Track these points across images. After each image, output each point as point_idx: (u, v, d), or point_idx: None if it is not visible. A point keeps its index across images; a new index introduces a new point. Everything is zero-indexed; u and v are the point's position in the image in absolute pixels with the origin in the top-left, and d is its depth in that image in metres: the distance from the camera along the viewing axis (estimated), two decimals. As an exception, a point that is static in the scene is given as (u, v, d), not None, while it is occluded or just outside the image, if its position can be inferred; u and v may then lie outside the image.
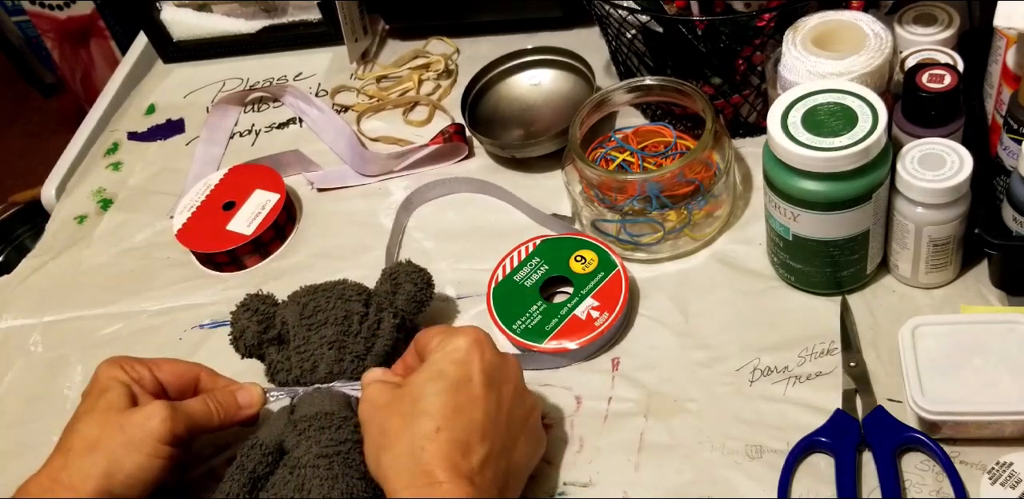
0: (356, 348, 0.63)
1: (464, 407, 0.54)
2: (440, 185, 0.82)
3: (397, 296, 0.66)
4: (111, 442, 0.56)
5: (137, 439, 0.56)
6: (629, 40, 0.79)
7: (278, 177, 0.84)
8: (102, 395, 0.59)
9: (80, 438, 0.57)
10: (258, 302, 0.66)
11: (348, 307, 0.65)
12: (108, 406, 0.58)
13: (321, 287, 0.67)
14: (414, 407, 0.54)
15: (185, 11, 1.03)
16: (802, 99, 0.59)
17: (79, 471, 0.55)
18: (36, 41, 1.72)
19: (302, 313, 0.64)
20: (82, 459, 0.56)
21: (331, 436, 0.58)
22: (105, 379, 0.60)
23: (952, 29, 0.69)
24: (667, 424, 0.62)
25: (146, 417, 0.57)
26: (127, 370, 0.61)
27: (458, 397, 0.54)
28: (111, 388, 0.59)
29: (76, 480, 0.55)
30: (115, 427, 0.57)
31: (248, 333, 0.65)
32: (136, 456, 0.56)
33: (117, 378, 0.60)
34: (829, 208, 0.59)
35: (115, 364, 0.61)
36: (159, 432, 0.56)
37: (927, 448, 0.57)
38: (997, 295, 0.64)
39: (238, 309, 0.66)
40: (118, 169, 0.95)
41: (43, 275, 0.86)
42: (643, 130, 0.76)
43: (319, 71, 1.00)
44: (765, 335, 0.66)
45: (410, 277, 0.66)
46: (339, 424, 0.59)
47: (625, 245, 0.72)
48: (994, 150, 0.64)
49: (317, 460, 0.57)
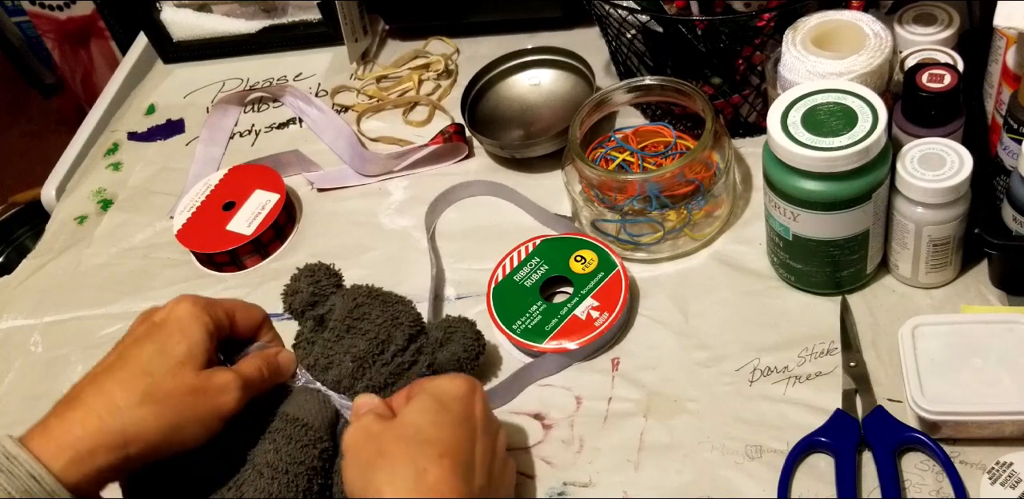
0: (376, 378, 0.61)
1: (464, 442, 0.53)
2: (459, 189, 0.81)
3: (443, 349, 0.64)
4: (182, 403, 0.52)
5: (205, 411, 0.53)
6: (629, 40, 0.79)
7: (278, 177, 0.84)
8: (184, 338, 0.54)
9: (152, 384, 0.52)
10: (323, 273, 0.64)
11: (392, 332, 0.62)
12: (189, 359, 0.54)
13: (382, 295, 0.64)
14: (417, 434, 0.52)
15: (185, 11, 1.03)
16: (802, 99, 0.59)
17: (139, 418, 0.51)
18: (36, 41, 1.72)
19: (352, 312, 0.62)
20: (145, 409, 0.51)
21: (292, 451, 0.56)
22: (187, 318, 0.55)
23: (952, 29, 0.69)
24: (667, 424, 0.62)
25: (220, 390, 0.54)
26: (211, 313, 0.56)
27: (460, 431, 0.53)
28: (191, 331, 0.55)
29: (132, 429, 0.51)
30: (189, 388, 0.53)
31: (298, 298, 0.63)
32: (196, 428, 0.53)
33: (200, 320, 0.55)
34: (829, 208, 0.59)
35: (199, 305, 0.56)
36: (228, 409, 0.54)
37: (927, 448, 0.57)
38: (997, 295, 0.64)
39: (303, 270, 0.65)
40: (118, 169, 0.95)
41: (43, 275, 0.86)
42: (643, 130, 0.76)
43: (319, 71, 1.00)
44: (765, 335, 0.66)
45: (464, 340, 0.64)
46: (308, 442, 0.57)
47: (625, 245, 0.72)
48: (994, 150, 0.64)
49: (265, 468, 0.56)
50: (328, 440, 0.58)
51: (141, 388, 0.52)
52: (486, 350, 0.66)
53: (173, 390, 0.53)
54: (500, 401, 0.66)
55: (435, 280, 0.74)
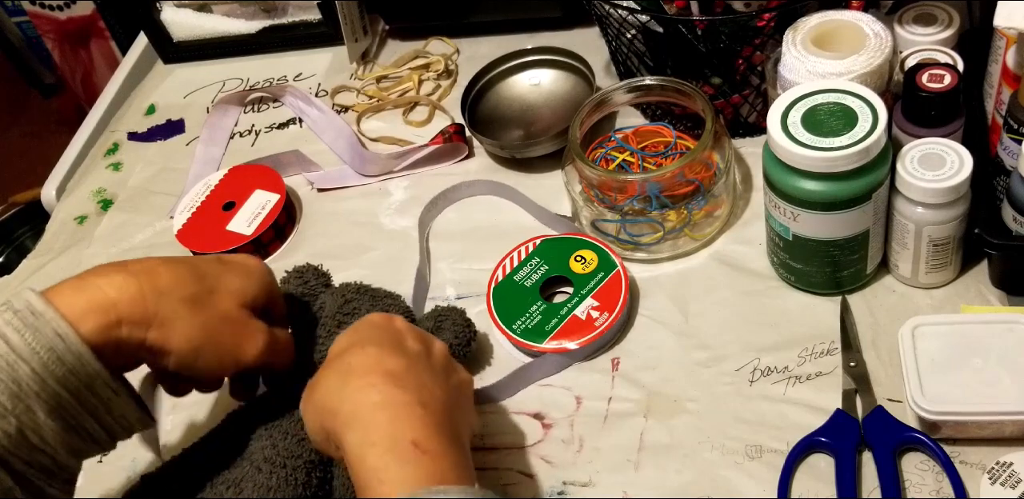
0: None
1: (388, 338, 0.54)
2: (462, 188, 0.81)
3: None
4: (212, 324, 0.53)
5: (228, 346, 0.54)
6: (629, 40, 0.79)
7: (278, 177, 0.84)
8: (247, 277, 0.56)
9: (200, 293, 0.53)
10: (311, 275, 0.65)
11: None
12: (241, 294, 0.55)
13: (371, 291, 0.64)
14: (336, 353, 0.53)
15: (185, 11, 1.03)
16: (802, 99, 0.59)
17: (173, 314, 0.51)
18: (36, 41, 1.72)
19: (342, 308, 0.62)
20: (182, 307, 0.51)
21: (288, 446, 0.56)
22: (256, 268, 0.57)
23: (952, 29, 0.69)
24: (667, 424, 0.62)
25: (251, 335, 0.54)
26: (272, 281, 0.59)
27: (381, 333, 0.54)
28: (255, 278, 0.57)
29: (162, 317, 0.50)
30: (226, 317, 0.53)
31: (288, 298, 0.63)
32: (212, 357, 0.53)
33: (266, 277, 0.58)
34: (829, 208, 0.59)
35: (268, 269, 0.58)
36: (248, 358, 0.54)
37: (927, 448, 0.57)
38: (997, 295, 0.64)
39: (292, 272, 0.65)
40: (118, 169, 0.95)
41: (43, 275, 0.85)
42: (643, 130, 0.76)
43: (319, 71, 1.00)
44: (765, 335, 0.66)
45: (455, 328, 0.64)
46: (303, 436, 0.56)
47: (625, 245, 0.72)
48: (994, 150, 0.64)
49: (263, 463, 0.56)
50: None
51: (190, 288, 0.52)
52: (477, 338, 0.66)
53: (214, 308, 0.53)
54: (501, 396, 0.66)
55: (420, 272, 0.75)
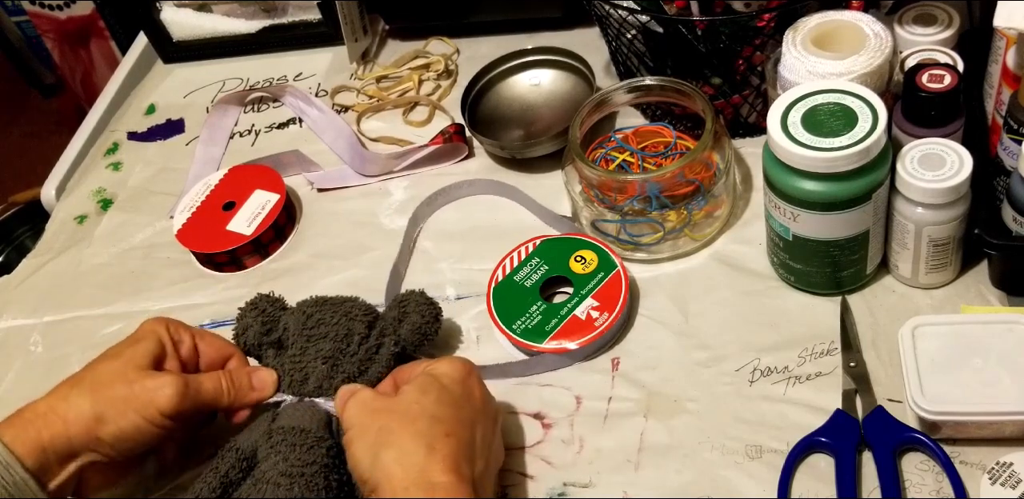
0: (350, 368, 0.62)
1: (467, 421, 0.54)
2: (462, 186, 0.81)
3: (403, 325, 0.65)
4: (117, 394, 0.57)
5: (141, 402, 0.57)
6: (629, 40, 0.79)
7: (278, 177, 0.84)
8: (134, 344, 0.60)
9: (93, 378, 0.58)
10: (266, 303, 0.66)
11: (351, 326, 0.64)
12: (132, 358, 0.58)
13: (330, 300, 0.66)
14: (423, 411, 0.54)
15: (185, 11, 1.03)
16: (802, 99, 0.59)
17: (76, 408, 0.56)
18: (36, 41, 1.73)
19: (305, 323, 0.64)
20: (84, 398, 0.56)
21: (300, 456, 0.57)
22: (145, 331, 0.61)
23: (952, 29, 0.69)
24: (667, 424, 0.62)
25: (158, 386, 0.57)
26: (171, 330, 0.61)
27: (462, 411, 0.55)
28: (145, 340, 0.60)
29: (71, 415, 0.56)
30: (127, 382, 0.57)
31: (250, 332, 0.65)
32: (134, 416, 0.56)
33: (156, 333, 0.61)
34: (829, 208, 0.59)
35: (162, 322, 0.62)
36: (163, 404, 0.57)
37: (927, 448, 0.57)
38: (997, 295, 0.64)
39: (246, 307, 0.66)
40: (118, 169, 0.95)
41: (43, 275, 0.86)
42: (643, 130, 0.76)
43: (319, 71, 1.00)
44: (765, 335, 0.66)
45: (419, 308, 0.65)
46: (312, 444, 0.58)
47: (625, 245, 0.72)
48: (994, 150, 0.64)
49: (280, 478, 0.56)
50: (329, 438, 0.59)
51: (84, 381, 0.58)
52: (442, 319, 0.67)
53: (109, 381, 0.57)
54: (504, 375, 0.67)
55: (395, 267, 0.75)
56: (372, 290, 0.74)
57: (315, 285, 0.77)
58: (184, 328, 0.63)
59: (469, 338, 0.71)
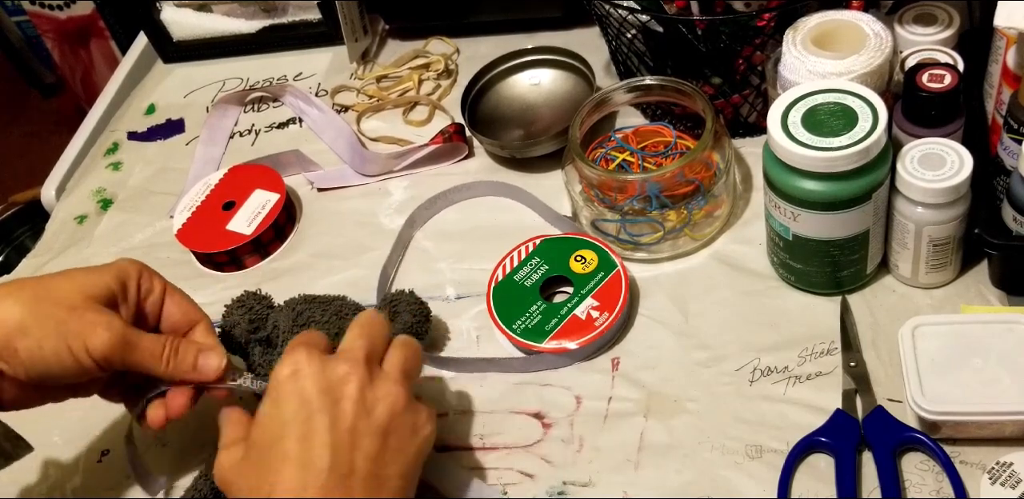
0: None
1: (302, 434, 0.50)
2: (457, 191, 0.81)
3: (393, 324, 0.65)
4: (52, 313, 0.53)
5: (71, 331, 0.53)
6: (629, 40, 0.79)
7: (278, 177, 0.84)
8: (98, 273, 0.56)
9: (37, 289, 0.54)
10: (254, 301, 0.66)
11: (342, 324, 0.64)
12: (86, 285, 0.55)
13: (319, 298, 0.66)
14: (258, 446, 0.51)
15: (185, 11, 1.03)
16: (802, 99, 0.59)
17: (7, 310, 0.53)
18: (36, 41, 1.73)
19: (295, 321, 0.64)
20: (18, 305, 0.53)
21: None
22: (116, 267, 0.57)
23: (952, 29, 0.69)
24: (667, 424, 0.62)
25: (96, 322, 0.53)
26: (142, 276, 0.58)
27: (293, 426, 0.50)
28: (109, 273, 0.56)
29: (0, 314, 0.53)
30: (68, 307, 0.53)
31: (237, 329, 0.65)
32: (57, 341, 0.53)
33: (124, 271, 0.57)
34: (829, 208, 0.59)
35: (137, 265, 0.58)
36: (93, 344, 0.53)
37: (927, 448, 0.57)
38: (997, 295, 0.64)
39: (232, 304, 0.66)
40: (118, 169, 0.95)
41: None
42: (643, 130, 0.76)
43: (319, 71, 1.00)
44: (765, 335, 0.66)
45: (410, 308, 0.66)
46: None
47: (625, 245, 0.72)
48: (994, 150, 0.64)
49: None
50: None
51: (27, 288, 0.54)
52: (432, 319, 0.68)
53: (52, 299, 0.54)
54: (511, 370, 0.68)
55: (385, 268, 0.75)
56: (371, 290, 0.74)
57: (315, 285, 0.77)
58: (158, 279, 0.59)
59: (469, 338, 0.71)
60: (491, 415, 0.66)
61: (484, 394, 0.67)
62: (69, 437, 0.70)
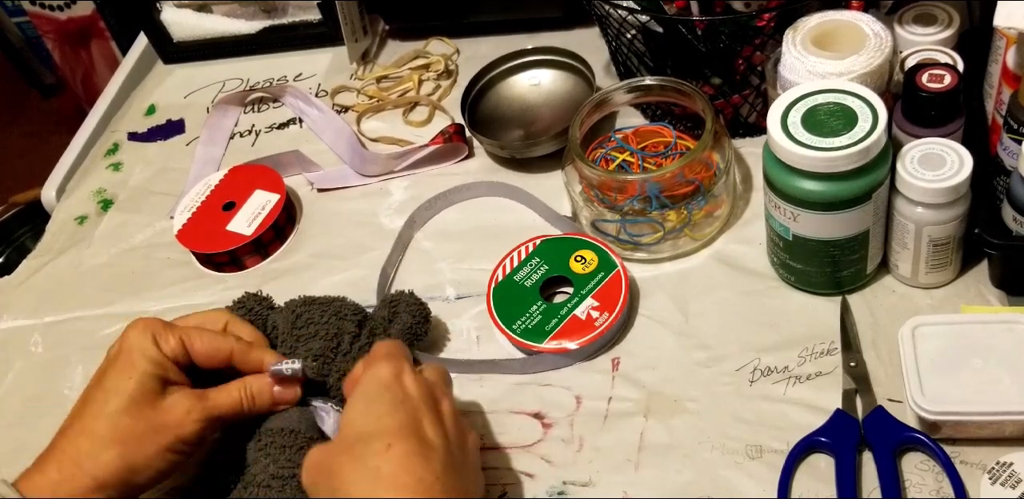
0: (343, 366, 0.62)
1: (407, 424, 0.51)
2: (457, 191, 0.81)
3: (393, 325, 0.65)
4: (144, 442, 0.55)
5: (167, 441, 0.55)
6: (629, 40, 0.79)
7: (278, 177, 0.84)
8: (133, 373, 0.56)
9: (111, 427, 0.55)
10: (254, 302, 0.66)
11: (341, 325, 0.64)
12: (140, 394, 0.56)
13: (319, 300, 0.66)
14: (358, 437, 0.51)
15: (185, 12, 1.03)
16: (802, 99, 0.59)
17: (105, 466, 0.54)
18: (36, 41, 1.73)
19: (295, 323, 0.64)
20: (109, 452, 0.54)
21: (289, 457, 0.57)
22: (138, 355, 0.57)
23: (952, 29, 0.69)
24: (667, 424, 0.62)
25: (179, 423, 0.56)
26: (161, 345, 0.58)
27: (399, 416, 0.52)
28: (141, 368, 0.56)
29: (100, 473, 0.54)
30: (148, 426, 0.55)
31: None
32: (168, 456, 0.56)
33: (149, 356, 0.57)
34: (829, 208, 0.59)
35: (148, 334, 0.58)
36: (189, 435, 0.56)
37: (927, 448, 0.57)
38: (997, 295, 0.64)
39: (233, 305, 0.66)
40: (118, 169, 0.95)
41: (43, 276, 0.86)
42: (643, 130, 0.76)
43: (319, 71, 1.00)
44: (765, 335, 0.66)
45: (409, 309, 0.66)
46: (301, 445, 0.57)
47: (625, 245, 0.72)
48: (994, 150, 0.64)
49: (271, 480, 0.56)
50: (320, 438, 0.58)
51: (101, 432, 0.55)
52: (431, 320, 0.68)
53: (131, 429, 0.55)
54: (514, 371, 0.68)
55: (384, 269, 0.75)
56: (372, 290, 0.75)
57: (315, 285, 0.77)
58: (172, 335, 0.59)
59: (469, 338, 0.71)
60: (491, 415, 0.66)
61: (484, 394, 0.67)
62: (69, 437, 0.70)
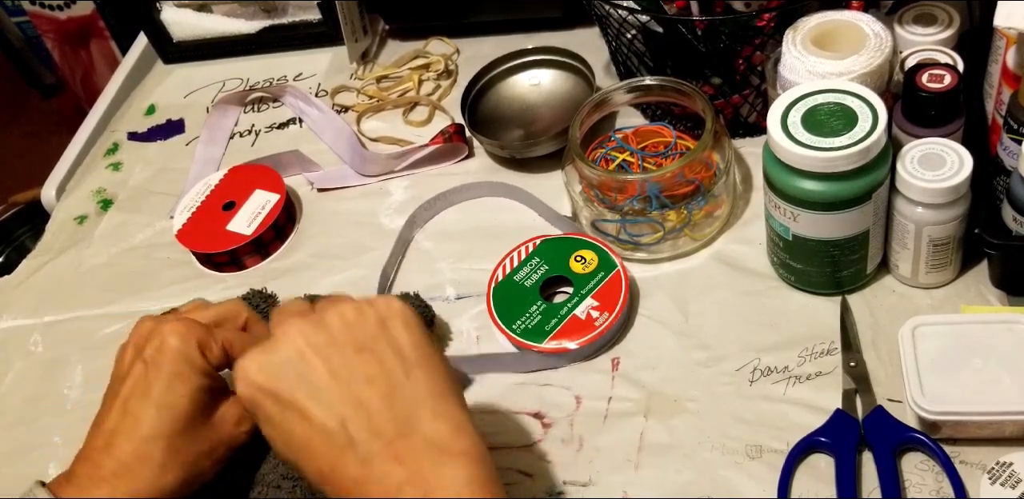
0: None
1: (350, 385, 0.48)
2: (457, 192, 0.81)
3: None
4: (199, 458, 0.54)
5: (223, 451, 0.55)
6: (629, 40, 0.79)
7: (278, 177, 0.84)
8: (183, 389, 0.53)
9: (166, 449, 0.52)
10: (258, 299, 0.66)
11: None
12: (195, 410, 0.53)
13: (316, 298, 0.66)
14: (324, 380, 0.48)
15: (185, 11, 1.03)
16: (802, 99, 0.59)
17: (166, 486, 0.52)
18: (36, 41, 1.73)
19: None
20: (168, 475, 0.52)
21: None
22: (186, 367, 0.53)
23: (952, 29, 0.69)
24: (667, 424, 0.62)
25: (232, 434, 0.55)
26: (206, 354, 0.55)
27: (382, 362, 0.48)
28: (193, 383, 0.53)
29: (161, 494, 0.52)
30: (203, 442, 0.54)
31: None
32: (219, 465, 0.55)
33: (198, 367, 0.54)
34: (829, 208, 0.59)
35: (192, 342, 0.54)
36: (241, 443, 0.56)
37: (927, 448, 0.57)
38: (997, 295, 0.64)
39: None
40: (118, 169, 0.95)
41: (43, 275, 0.86)
42: (643, 130, 0.76)
43: (319, 71, 1.00)
44: (765, 335, 0.66)
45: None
46: None
47: (625, 245, 0.72)
48: (994, 150, 0.64)
49: (281, 481, 0.56)
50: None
51: (159, 457, 0.52)
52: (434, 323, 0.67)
53: (190, 451, 0.53)
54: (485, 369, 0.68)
55: (385, 270, 0.75)
56: (372, 290, 0.75)
57: (315, 285, 0.77)
58: (212, 340, 0.55)
59: (469, 338, 0.71)
60: (491, 415, 0.66)
61: (484, 394, 0.67)
62: (69, 437, 0.70)
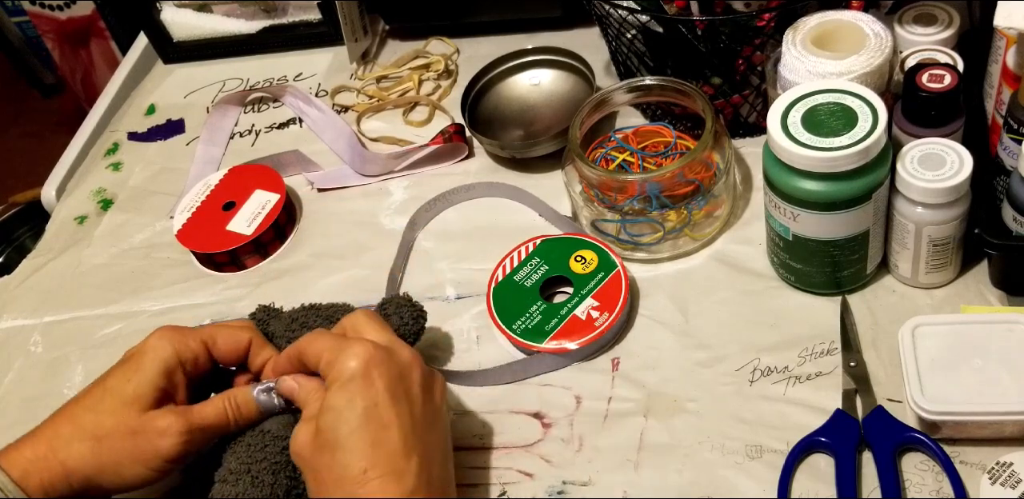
0: None
1: (381, 436, 0.52)
2: (458, 192, 0.81)
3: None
4: (120, 445, 0.55)
5: (144, 455, 0.55)
6: (629, 40, 0.79)
7: (278, 177, 0.84)
8: (138, 373, 0.56)
9: (95, 422, 0.55)
10: (263, 313, 0.66)
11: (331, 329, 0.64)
12: (133, 398, 0.55)
13: (316, 306, 0.66)
14: (335, 450, 0.51)
15: (185, 11, 1.03)
16: (802, 99, 0.59)
17: (78, 456, 0.54)
18: (36, 41, 1.73)
19: (289, 326, 0.64)
20: (85, 445, 0.54)
21: (251, 454, 0.57)
22: (148, 360, 0.57)
23: (952, 29, 0.69)
24: (667, 424, 0.62)
25: (160, 433, 0.55)
26: (180, 352, 0.57)
27: (371, 428, 0.52)
28: (149, 371, 0.56)
29: (71, 463, 0.54)
30: (130, 432, 0.55)
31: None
32: (137, 468, 0.55)
33: (160, 360, 0.57)
34: (829, 208, 0.59)
35: (166, 339, 0.57)
36: (168, 452, 0.55)
37: (927, 448, 0.57)
38: (997, 295, 0.64)
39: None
40: (118, 169, 0.95)
41: (43, 275, 0.86)
42: (643, 130, 0.76)
43: (319, 71, 1.00)
44: (765, 335, 0.66)
45: (399, 310, 0.65)
46: (268, 442, 0.57)
47: (625, 245, 0.72)
48: (994, 150, 0.64)
49: (228, 475, 0.56)
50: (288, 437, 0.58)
51: (85, 424, 0.55)
52: (426, 314, 0.66)
53: (112, 429, 0.55)
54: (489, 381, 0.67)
55: (392, 273, 0.75)
56: (372, 290, 0.75)
57: (315, 285, 0.77)
58: (195, 340, 0.58)
59: (469, 338, 0.71)
60: (491, 415, 0.66)
61: (484, 394, 0.67)
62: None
